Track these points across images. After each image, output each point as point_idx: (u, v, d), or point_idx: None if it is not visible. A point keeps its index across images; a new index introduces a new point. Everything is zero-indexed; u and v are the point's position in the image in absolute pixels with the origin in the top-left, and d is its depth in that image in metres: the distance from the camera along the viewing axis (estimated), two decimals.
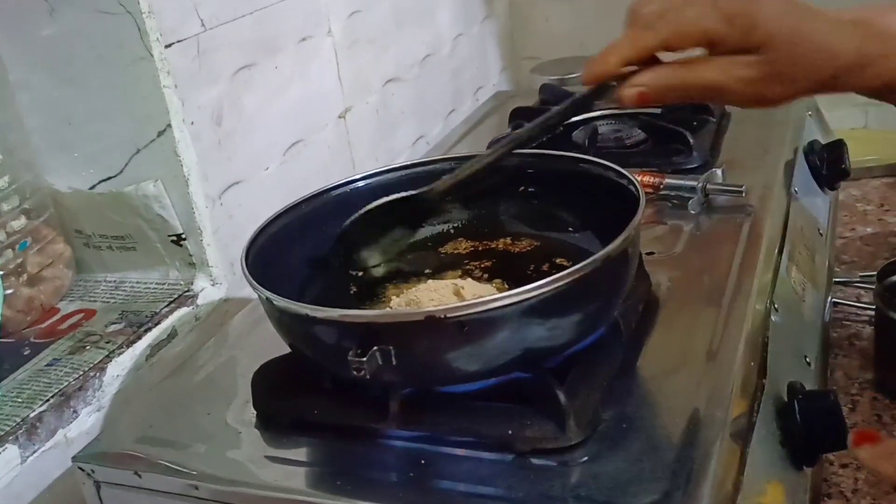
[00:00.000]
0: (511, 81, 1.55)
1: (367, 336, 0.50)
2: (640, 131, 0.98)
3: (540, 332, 0.52)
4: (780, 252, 0.75)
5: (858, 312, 0.97)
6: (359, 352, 0.50)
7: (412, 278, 0.68)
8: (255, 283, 0.56)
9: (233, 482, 0.54)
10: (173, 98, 0.75)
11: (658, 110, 1.02)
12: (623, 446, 0.52)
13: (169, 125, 0.75)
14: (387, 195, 0.72)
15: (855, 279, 1.00)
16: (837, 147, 0.96)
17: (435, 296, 0.59)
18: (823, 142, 1.00)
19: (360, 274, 0.68)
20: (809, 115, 1.05)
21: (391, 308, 0.61)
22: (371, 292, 0.67)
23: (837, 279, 1.01)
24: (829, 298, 0.87)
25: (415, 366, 0.52)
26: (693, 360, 0.60)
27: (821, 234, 0.91)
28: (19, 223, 0.76)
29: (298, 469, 0.56)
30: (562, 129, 1.01)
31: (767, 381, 0.60)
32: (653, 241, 0.76)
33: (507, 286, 0.64)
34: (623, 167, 0.69)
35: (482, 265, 0.70)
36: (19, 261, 0.75)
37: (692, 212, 0.80)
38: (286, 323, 0.56)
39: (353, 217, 0.65)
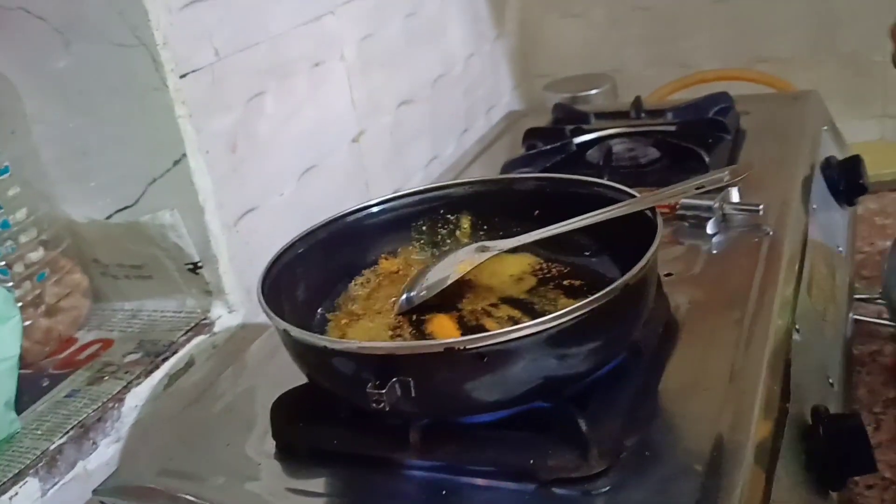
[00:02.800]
0: (523, 99, 1.55)
1: (385, 368, 0.50)
2: (654, 149, 0.97)
3: (560, 361, 0.52)
4: (800, 270, 0.74)
5: (880, 329, 0.96)
6: (377, 383, 0.49)
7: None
8: (271, 313, 0.56)
9: None
10: (188, 127, 0.75)
11: (672, 127, 1.02)
12: (646, 474, 0.51)
13: (184, 154, 0.75)
14: (400, 220, 0.73)
15: (875, 295, 0.99)
16: (854, 162, 0.95)
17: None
18: (840, 157, 0.99)
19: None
20: (825, 129, 1.04)
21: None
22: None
23: (858, 296, 0.99)
24: (851, 315, 0.86)
25: (434, 397, 0.52)
26: (715, 382, 0.59)
27: (840, 251, 0.90)
28: (37, 255, 0.76)
29: (319, 500, 0.56)
30: (576, 148, 1.01)
31: (791, 404, 0.59)
32: (671, 261, 0.76)
33: (521, 313, 0.63)
34: (638, 186, 0.68)
35: None
36: (37, 292, 0.76)
37: (709, 232, 0.79)
38: (303, 354, 0.56)
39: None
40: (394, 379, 0.50)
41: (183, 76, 0.75)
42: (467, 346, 0.49)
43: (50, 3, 0.73)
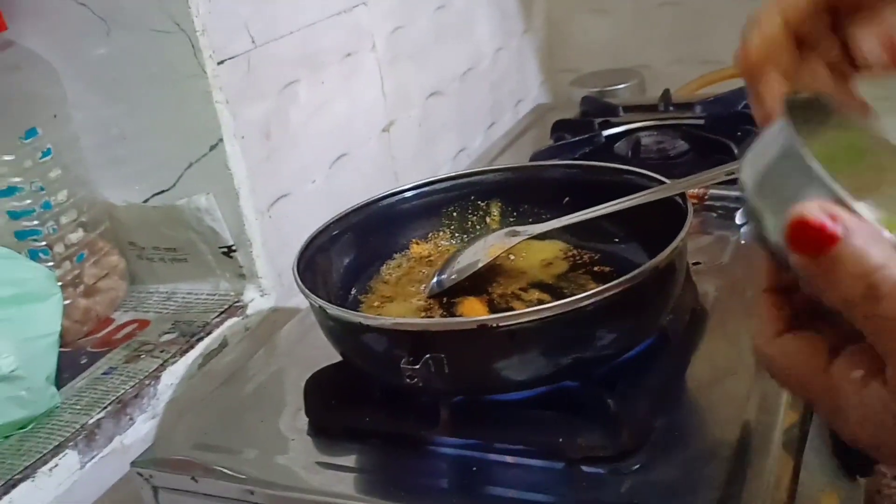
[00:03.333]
0: (550, 94, 1.55)
1: (419, 344, 0.51)
2: (682, 142, 0.98)
3: (588, 342, 0.53)
4: None
5: None
6: (411, 360, 0.50)
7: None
8: (307, 291, 0.58)
9: (287, 487, 0.56)
10: (225, 113, 0.77)
11: (701, 120, 1.02)
12: (674, 455, 0.52)
13: (220, 140, 0.77)
14: (432, 206, 0.74)
15: None
16: None
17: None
18: None
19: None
20: None
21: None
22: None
23: None
24: None
25: (466, 374, 0.53)
26: (742, 368, 0.60)
27: None
28: (77, 236, 0.78)
29: (350, 475, 0.57)
30: (604, 140, 1.02)
31: None
32: (699, 251, 0.76)
33: (550, 297, 0.64)
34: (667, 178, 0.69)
35: None
36: (76, 272, 0.78)
37: (738, 222, 0.80)
38: (338, 331, 0.57)
39: None
40: (427, 355, 0.51)
41: (220, 63, 0.76)
42: (500, 324, 0.50)
43: None
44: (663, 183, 0.64)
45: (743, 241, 0.77)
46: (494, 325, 0.50)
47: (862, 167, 0.49)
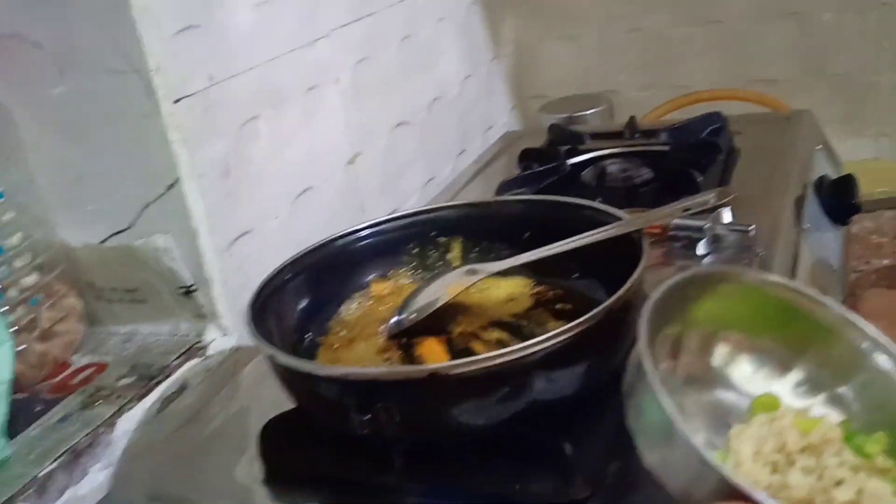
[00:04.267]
0: (520, 120, 1.56)
1: (369, 393, 0.50)
2: (648, 170, 0.98)
3: (545, 385, 0.52)
4: None
5: None
6: (362, 409, 0.50)
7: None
8: (260, 338, 0.57)
9: None
10: (182, 152, 0.76)
11: (666, 147, 1.03)
12: (629, 500, 0.51)
13: (178, 179, 0.76)
14: (391, 243, 0.73)
15: None
16: (847, 182, 0.96)
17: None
18: (833, 176, 1.00)
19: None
20: (819, 149, 1.04)
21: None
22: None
23: None
24: None
25: (418, 422, 0.52)
26: None
27: (833, 270, 0.90)
28: (32, 279, 0.77)
29: None
30: (570, 168, 1.02)
31: None
32: (662, 283, 0.76)
33: (509, 336, 0.64)
34: (631, 207, 0.68)
35: None
36: (32, 316, 0.76)
37: (700, 252, 0.79)
38: (290, 379, 0.56)
39: None
40: (378, 404, 0.50)
41: (176, 102, 0.76)
42: (451, 372, 0.49)
43: (45, 30, 0.74)
44: (620, 219, 0.64)
45: None
46: (445, 373, 0.49)
47: (790, 322, 0.51)
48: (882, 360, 0.50)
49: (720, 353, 0.52)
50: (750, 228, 0.79)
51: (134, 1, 0.71)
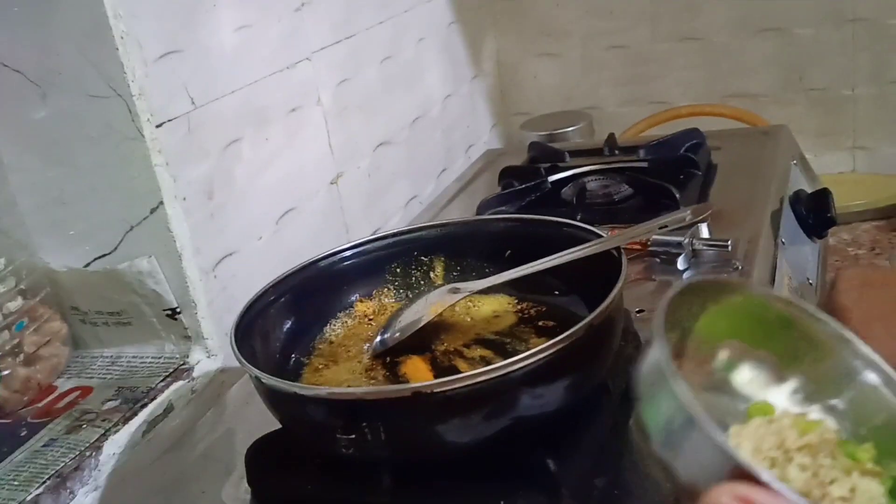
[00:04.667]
0: (502, 137, 1.57)
1: (354, 413, 0.51)
2: (627, 186, 0.99)
3: (528, 402, 0.53)
4: None
5: None
6: (347, 429, 0.50)
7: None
8: (244, 360, 0.57)
9: None
10: (165, 175, 0.76)
11: (645, 164, 1.04)
12: None
13: (161, 202, 0.76)
14: (374, 263, 0.74)
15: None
16: (823, 196, 0.97)
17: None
18: (810, 190, 1.01)
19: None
20: (794, 163, 1.06)
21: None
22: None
23: None
24: None
25: (403, 441, 0.52)
26: None
27: (810, 284, 0.91)
28: (15, 304, 0.77)
29: None
30: (550, 186, 1.03)
31: None
32: (643, 298, 0.77)
33: (493, 353, 0.64)
34: (611, 223, 0.70)
35: None
36: (16, 341, 0.76)
37: (680, 267, 0.80)
38: (275, 401, 0.57)
39: None
40: (364, 424, 0.50)
41: (159, 125, 0.76)
42: (435, 390, 0.50)
43: (26, 55, 0.74)
44: (600, 237, 0.65)
45: None
46: (429, 391, 0.50)
47: (788, 336, 0.53)
48: (872, 377, 0.51)
49: (720, 359, 0.53)
50: (727, 243, 0.81)
51: (116, 25, 0.71)
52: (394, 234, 0.75)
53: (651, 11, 1.48)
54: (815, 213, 0.96)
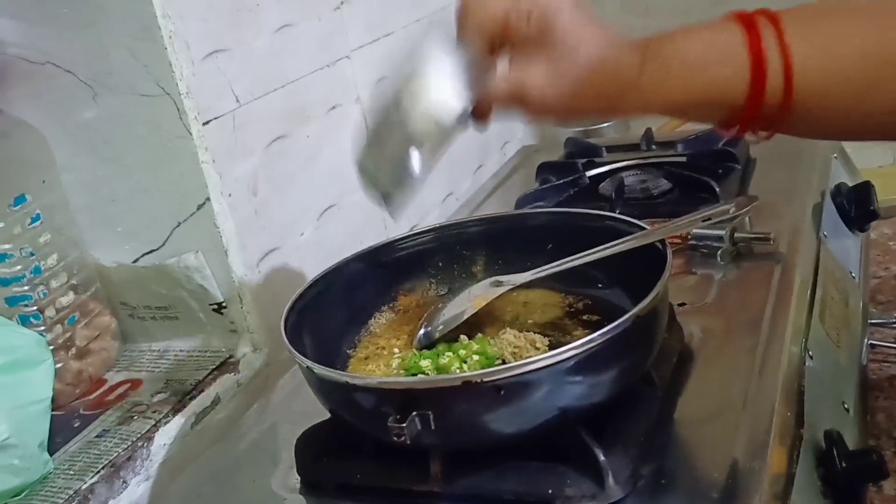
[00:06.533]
0: (536, 134, 1.57)
1: (405, 402, 0.51)
2: (665, 181, 0.99)
3: (576, 392, 0.54)
4: (812, 297, 0.75)
5: None
6: (398, 417, 0.51)
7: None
8: (295, 351, 0.58)
9: None
10: (211, 172, 0.78)
11: (683, 158, 1.04)
12: (662, 501, 0.52)
13: (208, 198, 0.78)
14: (417, 257, 0.75)
15: (892, 320, 1.00)
16: (864, 189, 0.97)
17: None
18: (850, 183, 1.01)
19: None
20: (835, 157, 1.05)
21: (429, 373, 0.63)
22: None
23: (873, 321, 1.00)
24: (866, 341, 0.86)
25: (454, 429, 0.53)
26: (729, 410, 0.60)
27: (853, 277, 0.91)
28: (67, 299, 0.79)
29: None
30: (588, 181, 1.03)
31: (805, 430, 0.60)
32: (684, 291, 0.77)
33: (540, 344, 0.65)
34: (650, 218, 0.70)
35: None
36: (68, 335, 0.78)
37: (721, 261, 0.80)
38: (326, 390, 0.58)
39: None
40: (413, 413, 0.51)
41: (206, 123, 0.78)
42: (484, 380, 0.50)
43: (77, 57, 0.76)
44: (643, 229, 0.65)
45: (726, 281, 0.78)
46: (478, 380, 0.50)
47: None
48: None
49: None
50: (770, 236, 0.80)
51: (164, 25, 0.73)
52: (436, 229, 0.76)
53: (684, 7, 1.47)
54: (858, 205, 0.95)
